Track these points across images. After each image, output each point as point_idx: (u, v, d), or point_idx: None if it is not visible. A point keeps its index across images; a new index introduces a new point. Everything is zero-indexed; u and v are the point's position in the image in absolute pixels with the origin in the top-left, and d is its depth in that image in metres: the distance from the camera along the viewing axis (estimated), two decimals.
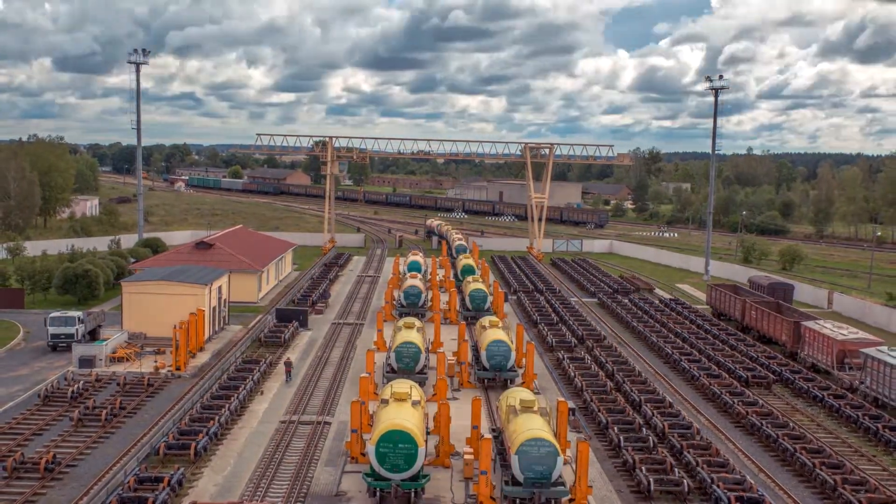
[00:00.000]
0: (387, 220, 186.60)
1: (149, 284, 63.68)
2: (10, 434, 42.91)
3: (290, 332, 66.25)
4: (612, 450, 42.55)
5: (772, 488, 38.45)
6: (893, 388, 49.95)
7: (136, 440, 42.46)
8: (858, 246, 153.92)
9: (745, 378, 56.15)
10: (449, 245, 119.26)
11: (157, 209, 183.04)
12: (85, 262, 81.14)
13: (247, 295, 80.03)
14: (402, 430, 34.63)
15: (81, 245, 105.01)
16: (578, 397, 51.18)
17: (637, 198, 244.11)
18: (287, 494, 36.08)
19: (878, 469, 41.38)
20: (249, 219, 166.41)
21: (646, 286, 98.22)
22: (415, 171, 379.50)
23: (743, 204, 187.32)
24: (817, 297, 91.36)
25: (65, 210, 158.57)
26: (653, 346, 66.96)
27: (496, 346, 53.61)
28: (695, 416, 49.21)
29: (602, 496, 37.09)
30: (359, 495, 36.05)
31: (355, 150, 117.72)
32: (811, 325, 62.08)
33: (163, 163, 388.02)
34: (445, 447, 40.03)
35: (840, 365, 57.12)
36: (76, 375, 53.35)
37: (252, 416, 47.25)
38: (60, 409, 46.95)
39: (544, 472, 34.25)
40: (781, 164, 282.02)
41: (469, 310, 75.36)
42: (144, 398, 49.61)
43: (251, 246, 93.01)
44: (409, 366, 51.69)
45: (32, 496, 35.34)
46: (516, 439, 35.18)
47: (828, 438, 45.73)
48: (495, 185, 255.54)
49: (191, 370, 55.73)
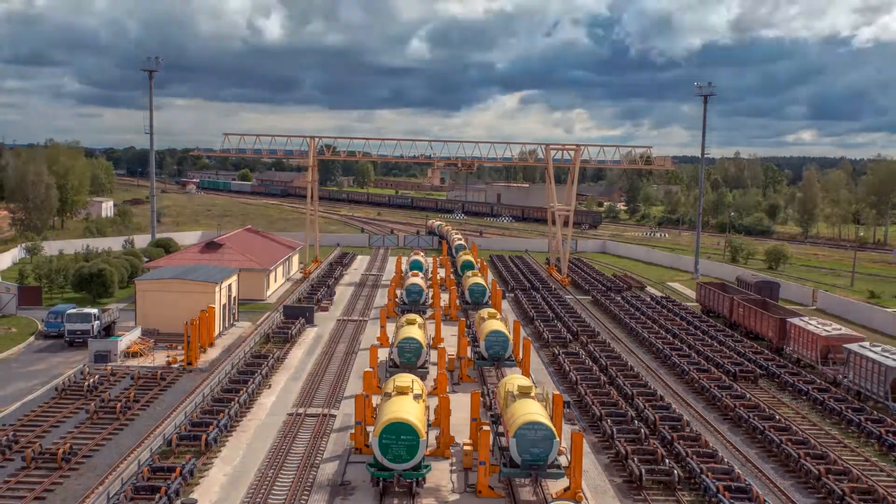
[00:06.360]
0: (390, 221, 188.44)
1: (161, 283, 64.88)
2: (29, 426, 43.50)
3: (297, 328, 67.05)
4: (606, 441, 43.11)
5: (758, 478, 39.17)
6: (875, 382, 50.75)
7: (150, 432, 43.17)
8: (842, 246, 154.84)
9: (732, 372, 56.97)
10: (449, 245, 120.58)
11: (169, 211, 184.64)
12: (100, 261, 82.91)
13: (255, 293, 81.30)
14: (404, 422, 35.30)
15: (96, 245, 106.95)
16: (573, 391, 52.05)
17: (629, 200, 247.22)
18: (294, 484, 36.63)
19: (860, 459, 42.05)
20: (258, 220, 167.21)
21: (638, 284, 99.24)
22: (416, 173, 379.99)
23: (731, 206, 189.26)
24: (802, 295, 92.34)
25: (81, 212, 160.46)
26: (644, 342, 67.81)
27: (495, 336, 55.09)
28: (685, 409, 50.09)
29: (595, 486, 37.71)
30: (362, 485, 36.69)
31: (359, 153, 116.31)
32: (796, 322, 62.81)
33: (175, 166, 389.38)
34: (446, 438, 40.70)
35: (824, 360, 57.84)
36: (92, 370, 54.22)
37: (260, 408, 47.98)
38: (77, 402, 47.61)
39: (541, 454, 35.02)
40: (768, 168, 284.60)
41: (469, 303, 77.37)
42: (157, 392, 50.29)
43: (259, 246, 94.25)
44: (411, 360, 52.30)
45: (50, 485, 36.09)
46: (514, 423, 35.87)
47: (812, 430, 46.43)
48: (493, 188, 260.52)
49: (202, 365, 56.66)
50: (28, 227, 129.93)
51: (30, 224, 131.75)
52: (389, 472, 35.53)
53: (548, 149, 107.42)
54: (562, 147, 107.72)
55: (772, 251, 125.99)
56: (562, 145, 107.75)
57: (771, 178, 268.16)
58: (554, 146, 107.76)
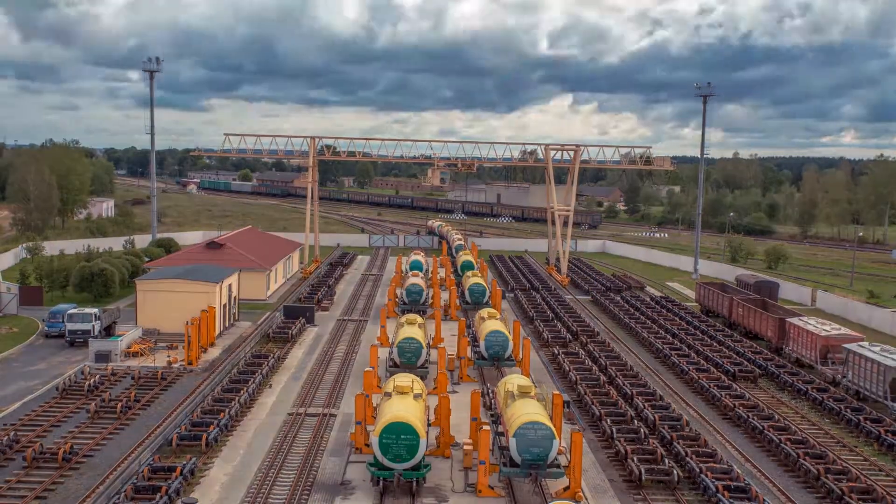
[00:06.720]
0: (390, 221, 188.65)
1: (162, 282, 64.97)
2: (30, 425, 43.79)
3: (298, 328, 67.24)
4: (605, 441, 43.35)
5: (757, 477, 39.37)
6: (874, 381, 50.89)
7: (150, 431, 43.37)
8: (841, 246, 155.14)
9: (732, 372, 57.18)
10: (449, 245, 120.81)
11: (170, 211, 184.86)
12: (101, 261, 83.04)
13: (256, 292, 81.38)
14: (404, 421, 35.44)
15: (97, 245, 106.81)
16: (573, 390, 52.20)
17: (629, 200, 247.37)
18: (294, 483, 36.78)
19: (859, 459, 42.25)
20: (258, 220, 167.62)
21: (637, 284, 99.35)
22: (416, 173, 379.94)
23: (731, 206, 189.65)
24: (801, 295, 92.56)
25: (82, 211, 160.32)
26: (644, 342, 68.00)
27: (494, 336, 55.29)
28: (684, 409, 50.27)
29: (595, 485, 37.86)
30: (363, 484, 36.86)
31: (359, 153, 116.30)
32: (795, 322, 62.96)
33: (175, 166, 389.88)
34: (446, 438, 40.80)
35: (823, 360, 58.00)
36: (92, 370, 54.33)
37: (261, 408, 48.11)
38: (77, 401, 47.81)
39: (541, 453, 35.17)
40: (767, 169, 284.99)
41: (468, 303, 77.52)
42: (158, 391, 50.44)
43: (260, 246, 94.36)
44: (411, 360, 52.47)
45: (51, 485, 36.22)
46: (514, 422, 36.03)
47: (811, 430, 46.66)
48: (493, 188, 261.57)
49: (202, 364, 56.75)
50: (29, 227, 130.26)
51: (31, 224, 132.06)
52: (390, 472, 35.72)
53: (547, 149, 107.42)
54: (561, 147, 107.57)
55: (772, 251, 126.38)
56: (561, 145, 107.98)
57: (771, 177, 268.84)
58: (553, 146, 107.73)
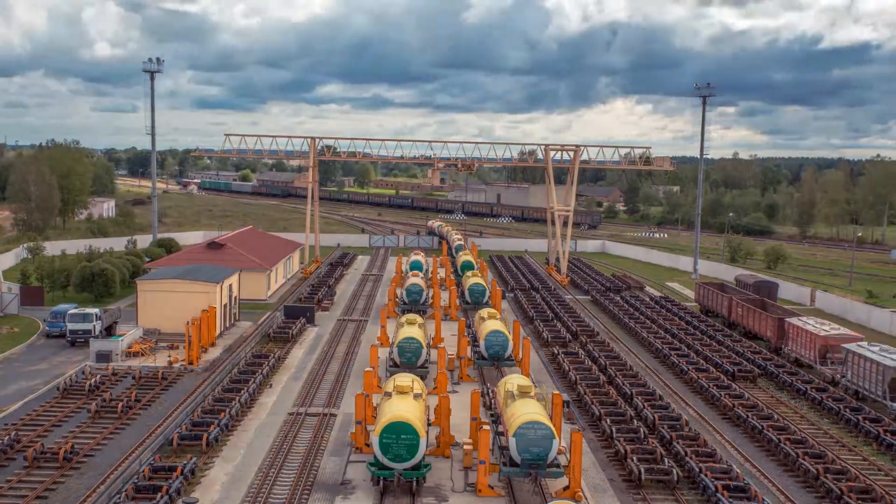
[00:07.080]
0: (390, 221, 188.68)
1: (163, 283, 65.08)
2: (31, 425, 43.89)
3: (298, 328, 67.38)
4: (605, 440, 43.47)
5: (757, 477, 39.48)
6: (873, 381, 51.03)
7: (151, 431, 43.48)
8: (840, 246, 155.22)
9: (731, 372, 57.29)
10: (449, 245, 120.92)
11: (170, 211, 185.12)
12: (101, 261, 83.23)
13: (256, 292, 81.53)
14: (404, 421, 35.53)
15: (98, 245, 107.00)
16: (573, 390, 52.31)
17: (628, 200, 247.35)
18: (294, 483, 36.88)
19: (858, 459, 42.37)
20: (259, 220, 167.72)
21: (637, 284, 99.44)
22: (416, 174, 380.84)
23: (730, 206, 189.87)
24: (800, 295, 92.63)
25: (83, 212, 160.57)
26: (643, 342, 68.12)
27: (494, 336, 55.40)
28: (683, 409, 50.40)
29: (595, 484, 37.96)
30: (363, 484, 36.95)
31: (359, 154, 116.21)
32: (794, 322, 63.10)
33: (176, 167, 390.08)
34: (446, 438, 40.88)
35: (822, 359, 58.10)
36: (93, 369, 54.46)
37: (261, 408, 48.22)
38: (78, 401, 47.93)
39: (541, 453, 35.26)
40: (766, 169, 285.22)
41: (468, 303, 77.67)
42: (159, 391, 50.57)
43: (260, 246, 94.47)
44: (411, 360, 52.59)
45: (52, 484, 36.32)
46: (514, 422, 36.11)
47: (810, 430, 46.78)
48: (493, 188, 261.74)
49: (203, 364, 56.85)
50: (30, 228, 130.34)
51: (32, 224, 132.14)
52: (390, 472, 35.80)
53: (547, 149, 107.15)
54: (561, 147, 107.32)
55: (771, 251, 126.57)
56: (561, 146, 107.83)
57: (770, 178, 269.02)
58: (553, 147, 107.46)
